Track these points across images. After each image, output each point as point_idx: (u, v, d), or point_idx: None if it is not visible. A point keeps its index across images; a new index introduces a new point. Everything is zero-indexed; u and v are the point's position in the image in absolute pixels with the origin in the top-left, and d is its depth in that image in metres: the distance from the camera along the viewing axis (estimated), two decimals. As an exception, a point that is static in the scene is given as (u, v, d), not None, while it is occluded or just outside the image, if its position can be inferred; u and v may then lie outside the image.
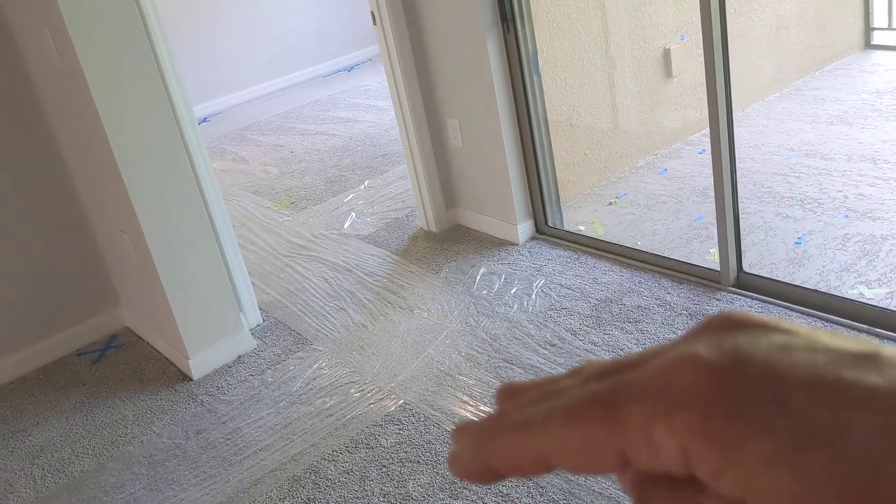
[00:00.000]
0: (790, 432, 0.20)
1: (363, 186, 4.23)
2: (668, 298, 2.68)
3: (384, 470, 2.20)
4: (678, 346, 0.23)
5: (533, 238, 3.26)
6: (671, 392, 0.22)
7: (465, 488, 2.08)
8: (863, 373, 0.21)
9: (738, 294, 2.61)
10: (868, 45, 4.62)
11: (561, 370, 2.44)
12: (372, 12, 3.20)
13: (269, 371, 2.75)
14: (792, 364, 0.21)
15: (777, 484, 0.20)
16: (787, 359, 0.21)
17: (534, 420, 0.24)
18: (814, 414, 0.20)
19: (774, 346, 0.22)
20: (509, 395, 0.27)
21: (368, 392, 2.53)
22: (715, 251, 2.80)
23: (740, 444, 0.20)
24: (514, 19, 2.96)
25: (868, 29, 4.60)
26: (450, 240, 3.41)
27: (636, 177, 3.66)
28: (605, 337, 2.55)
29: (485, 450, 0.25)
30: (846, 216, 3.01)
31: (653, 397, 0.22)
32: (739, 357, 0.22)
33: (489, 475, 0.25)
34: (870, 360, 0.21)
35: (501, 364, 2.52)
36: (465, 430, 0.27)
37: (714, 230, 2.73)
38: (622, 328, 2.58)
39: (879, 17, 4.62)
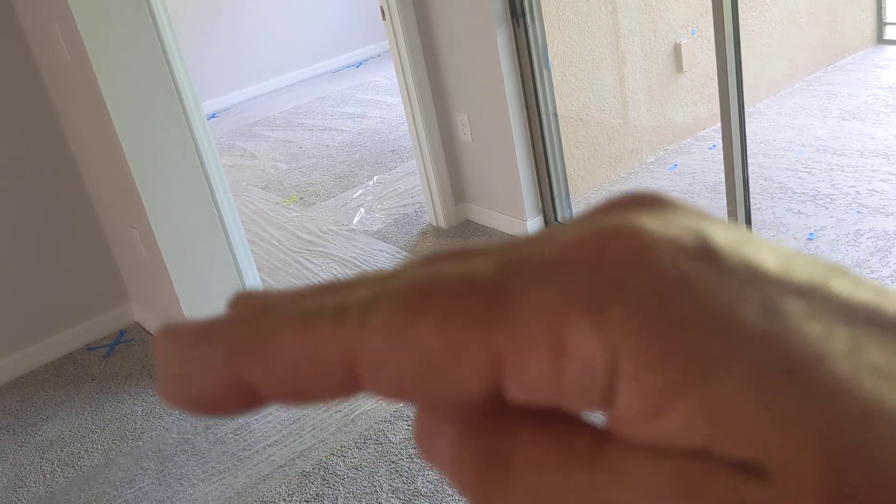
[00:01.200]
0: (786, 355, 0.13)
1: (372, 182, 4.23)
2: (679, 295, 2.67)
3: (393, 466, 2.19)
4: (593, 220, 0.15)
5: (542, 234, 3.24)
6: (602, 272, 0.14)
7: (475, 485, 2.07)
8: (846, 286, 0.15)
9: (750, 290, 2.59)
10: (881, 39, 4.58)
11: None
12: (381, 7, 3.19)
13: (277, 366, 2.75)
14: (767, 260, 0.15)
15: (794, 424, 0.13)
16: (758, 254, 0.15)
17: (346, 307, 0.15)
18: (811, 328, 0.14)
19: (733, 236, 0.15)
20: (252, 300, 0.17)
21: (377, 388, 2.52)
22: (726, 247, 2.78)
23: (718, 359, 0.13)
24: (524, 14, 2.95)
25: (881, 24, 4.57)
26: (459, 235, 3.40)
27: (646, 172, 3.64)
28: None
29: (243, 352, 0.15)
30: (858, 212, 2.98)
31: (569, 280, 0.14)
32: (700, 238, 0.15)
33: (232, 397, 0.15)
34: (844, 275, 0.15)
35: (511, 360, 2.51)
36: (188, 332, 0.16)
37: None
38: (632, 324, 2.56)
39: (892, 12, 4.58)
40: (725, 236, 0.15)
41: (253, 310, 0.16)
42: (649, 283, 0.14)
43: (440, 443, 0.15)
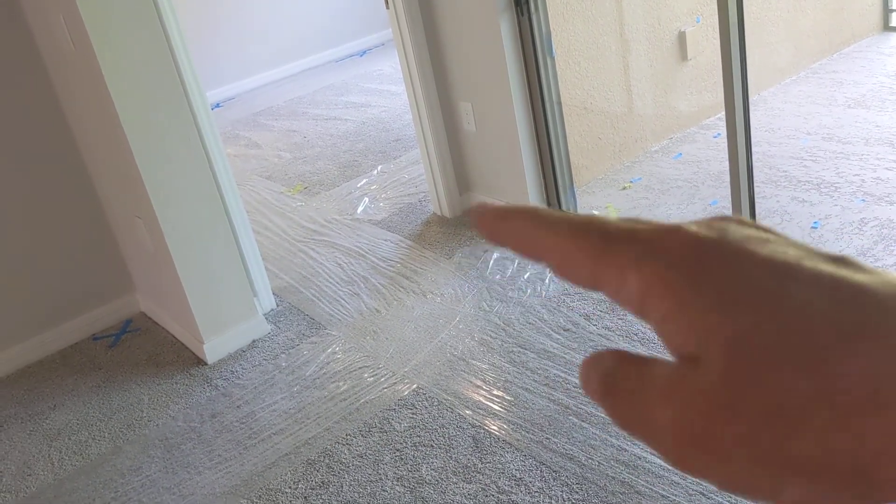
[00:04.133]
0: (736, 290, 0.23)
1: (376, 171, 4.23)
2: (683, 283, 2.67)
3: (398, 454, 2.21)
4: (679, 223, 0.27)
5: (546, 223, 3.24)
6: (654, 247, 0.25)
7: (479, 472, 2.08)
8: (822, 265, 0.23)
9: (754, 279, 2.59)
10: (887, 27, 4.56)
11: (575, 355, 2.44)
12: (384, -4, 3.19)
13: (282, 355, 2.76)
14: (762, 250, 0.24)
15: (715, 328, 0.22)
16: (761, 247, 0.24)
17: (550, 219, 0.28)
18: (763, 282, 0.23)
19: (755, 237, 0.25)
20: None
21: (382, 376, 2.53)
22: (730, 236, 2.77)
23: (691, 294, 0.23)
24: (527, 2, 2.94)
25: (887, 11, 4.54)
26: (463, 224, 3.40)
27: (650, 161, 3.64)
28: (620, 322, 2.55)
29: (503, 217, 0.29)
30: (863, 200, 2.98)
31: (637, 246, 0.25)
32: (719, 235, 0.25)
33: (494, 237, 0.29)
34: (836, 260, 0.24)
35: (515, 349, 2.52)
36: (501, 208, 0.31)
37: (729, 215, 2.71)
38: (636, 313, 2.57)
39: (899, -1, 4.55)
40: (743, 235, 0.25)
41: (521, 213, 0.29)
42: (669, 253, 0.24)
43: (590, 377, 0.26)
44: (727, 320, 0.22)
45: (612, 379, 0.26)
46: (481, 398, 2.35)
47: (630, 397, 0.25)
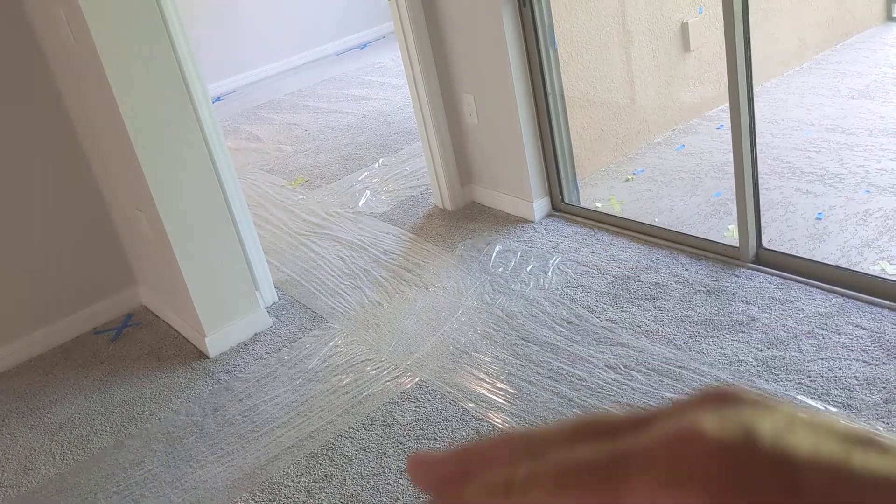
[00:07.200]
0: None
1: (377, 164, 4.22)
2: (686, 275, 2.66)
3: (400, 447, 2.20)
4: (679, 416, 0.23)
5: (549, 215, 3.23)
6: (679, 467, 0.21)
7: (482, 465, 2.07)
8: (869, 458, 0.21)
9: (758, 270, 2.58)
10: (890, 17, 4.53)
11: (578, 348, 2.43)
12: (386, -13, 3.17)
13: (285, 349, 2.75)
14: (800, 446, 0.21)
15: None
16: (795, 440, 0.21)
17: (513, 482, 0.23)
18: (828, 499, 0.20)
19: (780, 424, 0.21)
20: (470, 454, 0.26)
21: (384, 369, 2.52)
22: (734, 227, 2.77)
23: None
24: (529, -7, 2.92)
25: (890, 1, 4.52)
26: (465, 217, 3.39)
27: (653, 153, 3.62)
28: (623, 314, 2.53)
29: (453, 499, 0.24)
30: (868, 191, 2.96)
31: (659, 470, 0.21)
32: (747, 434, 0.21)
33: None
34: (870, 444, 0.21)
35: (518, 342, 2.51)
36: (429, 465, 0.25)
37: (733, 206, 2.70)
38: (639, 305, 2.56)
39: (902, -11, 4.52)
40: (769, 426, 0.21)
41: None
42: (708, 475, 0.20)
43: None
44: None
45: None
46: (484, 391, 2.34)
47: None
